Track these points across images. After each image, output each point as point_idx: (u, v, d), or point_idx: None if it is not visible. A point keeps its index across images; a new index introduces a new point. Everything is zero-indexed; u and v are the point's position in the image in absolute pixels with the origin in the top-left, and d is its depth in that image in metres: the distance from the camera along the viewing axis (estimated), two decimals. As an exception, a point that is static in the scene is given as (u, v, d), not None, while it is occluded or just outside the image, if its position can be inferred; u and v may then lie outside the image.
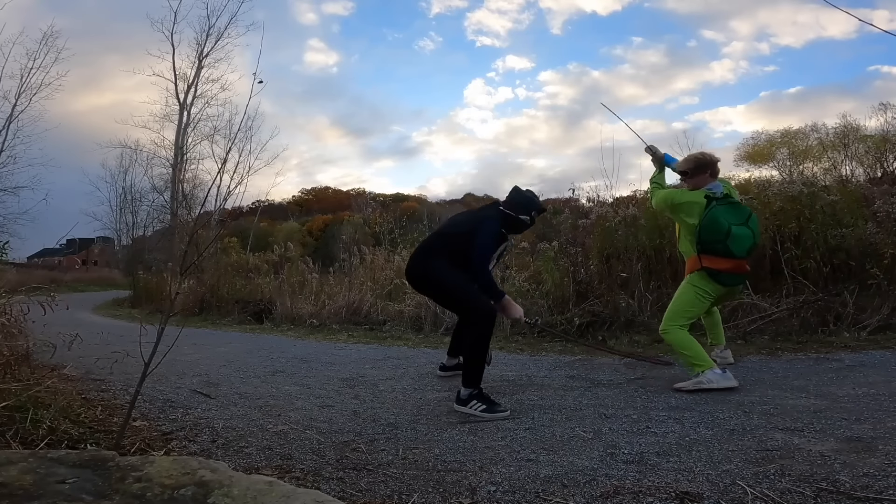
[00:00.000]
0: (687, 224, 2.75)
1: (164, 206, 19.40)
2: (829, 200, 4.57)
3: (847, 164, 15.86)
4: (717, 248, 2.58)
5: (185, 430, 2.10)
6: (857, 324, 3.80)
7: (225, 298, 8.19)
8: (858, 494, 1.31)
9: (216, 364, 3.73)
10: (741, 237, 2.58)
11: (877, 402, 2.13)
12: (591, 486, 1.47)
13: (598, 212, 5.34)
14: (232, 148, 20.85)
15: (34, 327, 2.41)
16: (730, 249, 2.56)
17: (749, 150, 19.87)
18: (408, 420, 2.23)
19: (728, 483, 1.43)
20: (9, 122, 16.77)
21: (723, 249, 2.57)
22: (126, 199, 23.82)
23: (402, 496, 1.46)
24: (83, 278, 22.73)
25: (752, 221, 2.65)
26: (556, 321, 4.56)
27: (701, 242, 2.64)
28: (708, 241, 2.60)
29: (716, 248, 2.59)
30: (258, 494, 0.96)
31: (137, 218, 23.51)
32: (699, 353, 2.58)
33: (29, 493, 0.90)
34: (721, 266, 2.61)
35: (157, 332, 1.64)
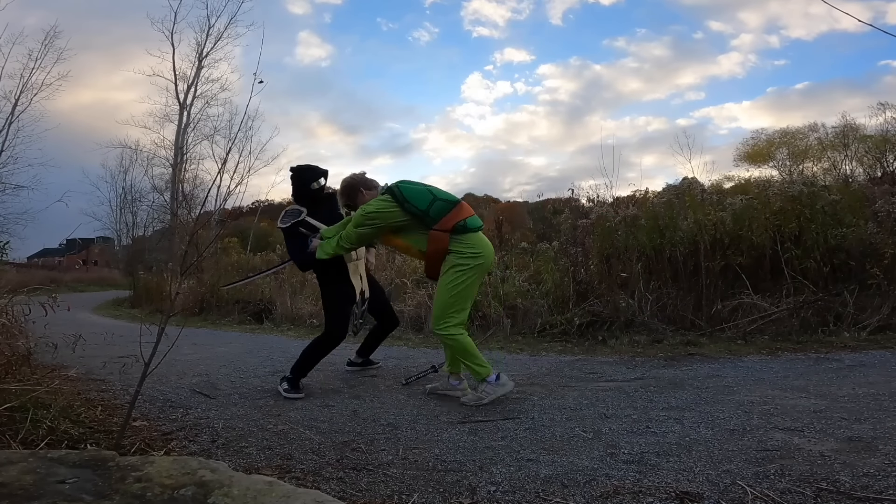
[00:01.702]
0: (401, 221, 2.49)
1: (164, 206, 19.43)
2: (830, 200, 4.57)
3: (847, 164, 15.88)
4: (440, 207, 2.46)
5: (185, 430, 2.10)
6: (857, 324, 3.80)
7: (225, 298, 8.19)
8: (858, 494, 1.31)
9: (216, 364, 3.73)
10: (434, 188, 2.54)
11: (877, 402, 2.13)
12: (591, 486, 1.47)
13: (598, 212, 5.34)
14: (232, 148, 20.89)
15: (35, 327, 2.41)
16: (447, 199, 2.49)
17: (749, 149, 19.89)
18: (408, 420, 2.23)
19: (728, 483, 1.43)
20: (9, 122, 16.80)
21: (443, 204, 2.47)
22: (126, 199, 23.86)
23: (402, 496, 1.46)
24: (83, 278, 22.73)
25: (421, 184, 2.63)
26: (557, 321, 4.56)
27: (426, 217, 2.45)
28: (427, 208, 2.45)
29: (440, 208, 2.46)
30: (258, 494, 0.96)
31: (137, 218, 23.56)
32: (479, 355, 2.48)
33: (29, 493, 0.90)
34: (460, 214, 2.47)
35: (157, 332, 1.65)
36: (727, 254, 4.51)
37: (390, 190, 2.51)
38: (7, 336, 2.23)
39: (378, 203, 2.51)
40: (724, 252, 4.52)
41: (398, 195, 2.47)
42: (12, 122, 16.90)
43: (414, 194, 2.48)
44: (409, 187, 2.51)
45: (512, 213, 23.72)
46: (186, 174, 18.74)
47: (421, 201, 2.46)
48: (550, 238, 6.11)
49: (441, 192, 2.54)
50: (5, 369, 1.94)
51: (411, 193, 2.48)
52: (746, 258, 4.49)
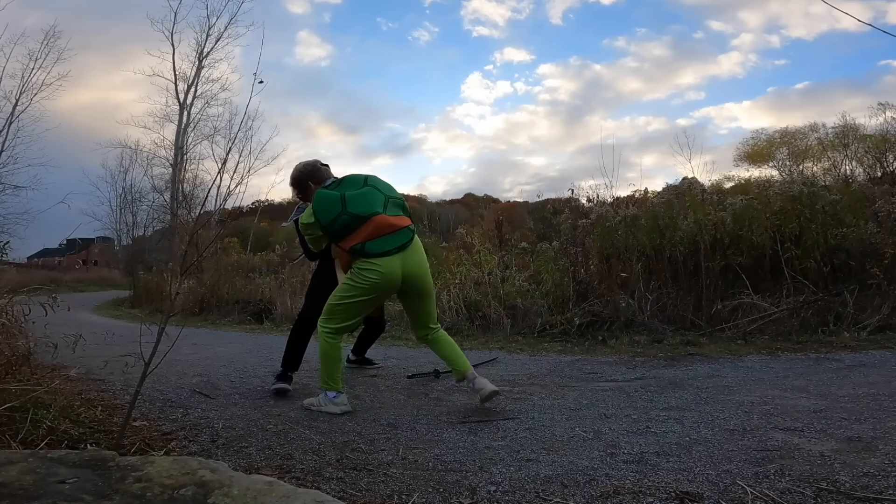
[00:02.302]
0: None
1: (164, 206, 19.44)
2: (830, 200, 4.57)
3: (847, 164, 15.89)
4: (343, 222, 2.23)
5: (185, 430, 2.10)
6: (857, 324, 3.80)
7: (225, 298, 8.19)
8: (858, 494, 1.31)
9: (216, 364, 3.73)
10: (356, 197, 2.26)
11: (877, 402, 2.13)
12: (591, 486, 1.47)
13: (598, 212, 5.34)
14: (232, 148, 20.90)
15: (35, 327, 2.41)
16: (354, 213, 2.23)
17: (749, 149, 19.89)
18: (408, 420, 2.23)
19: (728, 483, 1.43)
20: (9, 122, 16.81)
21: (348, 219, 2.23)
22: (126, 199, 23.89)
23: (402, 496, 1.46)
24: (83, 278, 22.74)
25: (371, 181, 2.35)
26: (557, 321, 4.56)
27: (329, 233, 2.30)
28: (330, 223, 2.26)
29: (343, 223, 2.24)
30: (258, 494, 0.96)
31: (137, 218, 23.60)
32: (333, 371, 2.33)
33: (29, 493, 0.90)
34: (359, 237, 2.23)
35: (157, 332, 1.65)
36: (727, 254, 4.52)
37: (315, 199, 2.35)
38: (7, 336, 2.22)
39: (306, 214, 2.39)
40: (724, 252, 4.52)
41: (313, 206, 2.33)
42: (12, 122, 16.92)
43: (324, 205, 2.28)
44: (323, 197, 2.30)
45: (512, 213, 23.73)
46: (186, 174, 18.77)
47: (326, 214, 2.26)
48: (550, 238, 6.11)
49: (358, 201, 2.25)
50: (5, 369, 1.94)
51: (322, 205, 2.29)
52: (746, 258, 4.49)
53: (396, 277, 2.28)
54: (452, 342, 2.45)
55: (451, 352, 2.40)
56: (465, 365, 2.37)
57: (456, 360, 2.39)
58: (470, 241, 6.41)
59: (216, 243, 9.57)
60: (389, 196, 2.33)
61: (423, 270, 2.37)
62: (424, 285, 2.39)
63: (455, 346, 2.44)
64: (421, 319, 2.47)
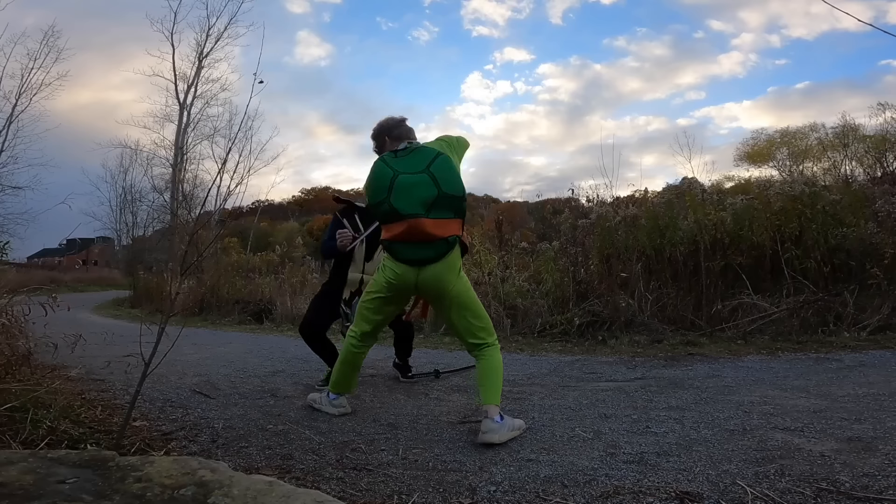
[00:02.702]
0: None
1: (164, 206, 19.45)
2: (830, 200, 4.57)
3: (847, 164, 15.88)
4: (384, 210, 2.01)
5: (185, 430, 2.10)
6: (857, 324, 3.80)
7: (225, 298, 8.20)
8: (858, 494, 1.31)
9: (216, 364, 3.73)
10: (406, 186, 1.96)
11: (877, 402, 2.13)
12: (591, 486, 1.47)
13: (598, 212, 5.34)
14: (232, 148, 20.91)
15: (35, 327, 2.41)
16: (394, 208, 1.97)
17: (749, 149, 19.89)
18: (408, 420, 2.23)
19: (728, 483, 1.43)
20: (9, 122, 16.81)
21: (388, 210, 1.99)
22: (126, 199, 23.88)
23: (402, 496, 1.46)
24: (83, 278, 22.73)
25: (437, 165, 1.98)
26: (557, 321, 4.56)
27: (373, 213, 2.17)
28: (374, 205, 2.06)
29: (384, 211, 2.02)
30: (258, 494, 0.96)
31: (137, 218, 23.58)
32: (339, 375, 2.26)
33: (29, 493, 0.90)
34: (391, 233, 2.02)
35: (157, 332, 1.65)
36: (727, 254, 4.52)
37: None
38: (7, 336, 2.22)
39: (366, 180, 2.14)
40: (725, 252, 4.53)
41: (368, 174, 2.10)
42: (12, 122, 16.92)
43: (373, 182, 2.04)
44: (376, 172, 2.05)
45: (512, 213, 23.73)
46: (186, 174, 18.78)
47: (373, 193, 2.04)
48: (550, 238, 6.11)
49: (404, 194, 1.98)
50: (5, 369, 1.94)
51: (372, 180, 2.05)
52: (747, 258, 4.49)
53: (410, 284, 2.07)
54: (493, 369, 2.06)
55: (482, 377, 2.06)
56: (488, 398, 1.99)
57: (483, 388, 2.04)
58: (470, 241, 6.40)
59: (216, 243, 9.57)
60: (445, 193, 1.97)
61: (439, 283, 2.04)
62: (443, 297, 2.08)
63: (493, 374, 2.06)
64: (457, 332, 2.20)
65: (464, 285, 2.11)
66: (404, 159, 2.04)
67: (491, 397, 1.98)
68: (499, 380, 2.05)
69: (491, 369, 2.05)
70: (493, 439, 1.85)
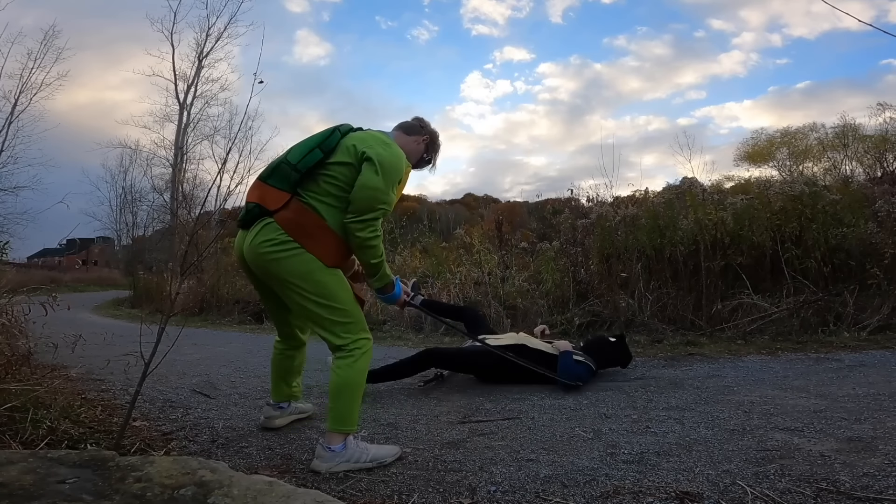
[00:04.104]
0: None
1: (164, 206, 19.46)
2: (831, 200, 4.57)
3: (847, 164, 15.89)
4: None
5: (185, 430, 2.10)
6: (857, 324, 3.80)
7: (225, 298, 8.19)
8: (858, 494, 1.31)
9: (216, 364, 3.73)
10: (287, 152, 1.79)
11: (877, 402, 2.13)
12: (591, 486, 1.47)
13: (598, 211, 5.34)
14: (232, 148, 20.92)
15: (35, 327, 2.41)
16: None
17: (749, 149, 19.88)
18: (408, 420, 2.23)
19: (728, 483, 1.43)
20: (9, 122, 16.82)
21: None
22: (126, 199, 23.92)
23: (402, 496, 1.46)
24: (83, 278, 22.73)
25: (317, 137, 1.77)
26: (557, 321, 4.56)
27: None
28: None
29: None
30: (258, 494, 0.96)
31: (137, 218, 23.62)
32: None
33: (29, 493, 0.90)
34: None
35: (157, 332, 1.65)
36: (727, 254, 4.52)
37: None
38: (7, 336, 2.22)
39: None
40: (725, 252, 4.53)
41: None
42: (12, 122, 16.94)
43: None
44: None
45: (512, 213, 23.73)
46: (186, 174, 18.79)
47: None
48: (550, 238, 6.11)
49: (279, 157, 1.79)
50: (5, 369, 1.94)
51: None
52: (747, 258, 4.49)
53: (240, 257, 1.85)
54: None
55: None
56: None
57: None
58: (470, 241, 6.41)
59: (216, 243, 9.56)
60: (292, 162, 1.73)
61: (256, 259, 1.72)
62: (264, 277, 1.78)
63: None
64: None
65: (294, 267, 1.68)
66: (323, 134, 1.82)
67: (330, 420, 1.69)
68: (345, 398, 1.69)
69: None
70: (319, 468, 1.62)
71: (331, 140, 1.75)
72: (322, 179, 1.72)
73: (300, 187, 1.73)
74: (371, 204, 1.65)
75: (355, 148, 1.71)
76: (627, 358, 3.01)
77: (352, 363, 1.69)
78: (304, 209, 1.70)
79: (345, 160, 1.71)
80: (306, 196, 1.72)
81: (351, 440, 1.67)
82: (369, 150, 1.69)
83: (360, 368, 1.71)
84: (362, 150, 1.70)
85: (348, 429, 1.67)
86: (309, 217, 1.70)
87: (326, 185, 1.71)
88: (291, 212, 1.70)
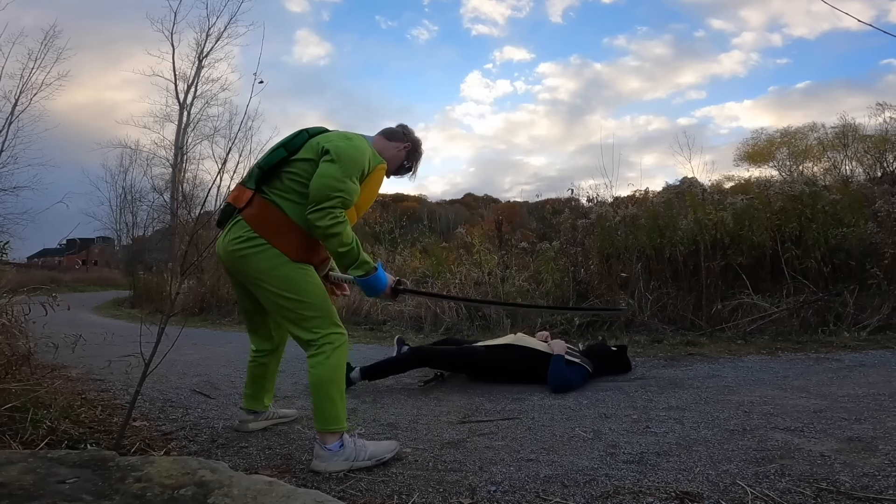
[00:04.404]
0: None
1: (164, 206, 19.47)
2: (831, 200, 4.57)
3: (847, 164, 15.89)
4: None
5: (185, 430, 2.10)
6: (857, 324, 3.80)
7: (225, 298, 8.19)
8: (858, 494, 1.31)
9: (216, 364, 3.73)
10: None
11: (877, 402, 2.13)
12: (591, 486, 1.47)
13: (598, 211, 5.34)
14: (232, 148, 20.93)
15: (35, 327, 2.41)
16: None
17: (749, 149, 19.87)
18: (408, 420, 2.23)
19: (728, 483, 1.43)
20: (9, 122, 16.83)
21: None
22: (126, 199, 23.94)
23: (402, 496, 1.46)
24: (83, 278, 22.73)
25: (290, 139, 1.80)
26: (557, 321, 4.56)
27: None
28: None
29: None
30: (258, 494, 0.96)
31: (137, 218, 23.65)
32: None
33: (29, 493, 0.90)
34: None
35: (157, 332, 1.65)
36: (727, 254, 4.52)
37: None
38: (7, 336, 2.22)
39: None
40: (725, 252, 4.53)
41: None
42: (12, 122, 16.95)
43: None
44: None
45: (512, 213, 23.73)
46: (186, 174, 18.80)
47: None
48: (550, 238, 6.11)
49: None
50: (5, 369, 1.94)
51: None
52: (747, 258, 4.49)
53: (219, 257, 1.85)
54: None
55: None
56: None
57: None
58: (470, 241, 6.42)
59: (216, 243, 9.55)
60: (261, 163, 1.78)
61: (227, 256, 1.75)
62: (237, 275, 1.82)
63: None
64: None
65: (260, 263, 1.70)
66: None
67: (315, 420, 1.69)
68: (323, 395, 1.66)
69: (311, 384, 1.70)
70: (318, 468, 1.62)
71: (296, 140, 1.79)
72: (286, 177, 1.74)
73: (265, 185, 1.77)
74: (326, 192, 1.63)
75: (318, 144, 1.73)
76: (626, 368, 3.02)
77: (324, 360, 1.67)
78: (267, 204, 1.73)
79: (307, 157, 1.74)
80: (269, 193, 1.75)
81: (348, 438, 1.67)
82: (327, 143, 1.71)
83: (334, 364, 1.68)
84: (323, 144, 1.71)
85: (337, 427, 1.66)
86: (271, 212, 1.72)
87: (289, 181, 1.74)
88: (255, 207, 1.74)
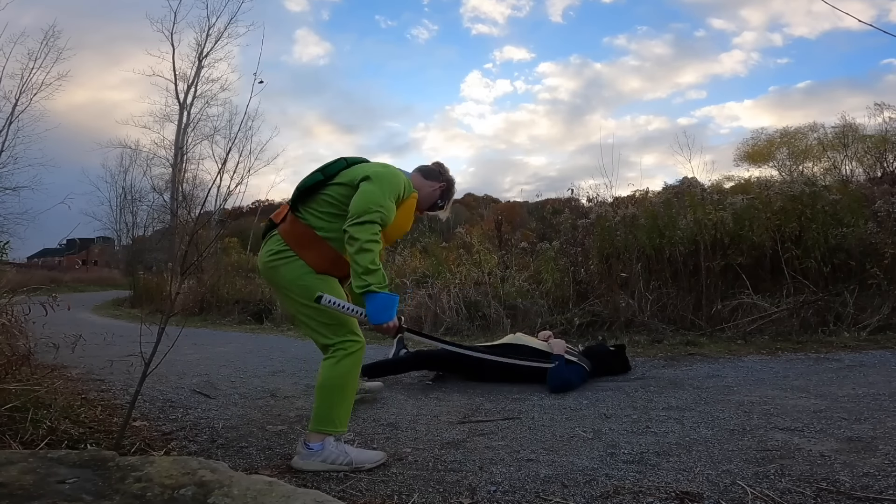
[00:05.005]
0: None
1: (164, 206, 19.48)
2: (831, 200, 4.57)
3: (847, 164, 15.89)
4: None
5: (185, 430, 2.10)
6: (857, 324, 3.80)
7: (225, 298, 8.20)
8: (858, 494, 1.31)
9: (216, 364, 3.73)
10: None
11: (877, 402, 2.13)
12: (591, 486, 1.47)
13: (598, 211, 5.34)
14: (232, 148, 20.94)
15: (35, 327, 2.41)
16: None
17: (749, 149, 19.86)
18: (408, 420, 2.23)
19: (728, 483, 1.43)
20: (9, 122, 16.83)
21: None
22: (126, 199, 23.96)
23: (402, 496, 1.46)
24: (83, 278, 22.72)
25: (328, 167, 1.86)
26: (557, 321, 4.56)
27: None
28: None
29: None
30: (258, 494, 0.96)
31: (137, 218, 23.68)
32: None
33: (29, 493, 0.90)
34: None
35: (157, 332, 1.65)
36: (727, 254, 4.52)
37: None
38: (7, 336, 2.23)
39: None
40: (725, 252, 4.53)
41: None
42: (12, 122, 16.95)
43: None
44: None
45: (512, 213, 23.74)
46: (186, 174, 18.81)
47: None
48: (550, 238, 6.11)
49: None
50: (5, 369, 1.94)
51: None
52: (747, 258, 4.49)
53: (258, 269, 1.97)
54: (321, 389, 1.70)
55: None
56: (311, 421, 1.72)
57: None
58: (470, 240, 6.41)
59: (216, 243, 9.57)
60: (299, 185, 1.87)
61: (263, 268, 1.84)
62: (272, 286, 1.90)
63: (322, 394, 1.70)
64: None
65: (287, 273, 1.76)
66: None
67: (311, 419, 1.69)
68: (325, 398, 1.67)
69: (317, 385, 1.70)
70: (296, 464, 1.65)
71: (334, 166, 1.88)
72: (320, 197, 1.83)
73: (300, 204, 1.86)
74: (367, 206, 1.67)
75: (355, 172, 1.82)
76: (625, 368, 3.02)
77: (333, 364, 1.69)
78: (297, 220, 1.83)
79: (344, 181, 1.81)
80: (303, 211, 1.84)
81: (330, 441, 1.67)
82: (366, 171, 1.79)
83: (342, 371, 1.68)
84: (361, 173, 1.80)
85: (329, 430, 1.66)
86: (300, 227, 1.81)
87: (323, 201, 1.82)
88: (288, 224, 1.84)
